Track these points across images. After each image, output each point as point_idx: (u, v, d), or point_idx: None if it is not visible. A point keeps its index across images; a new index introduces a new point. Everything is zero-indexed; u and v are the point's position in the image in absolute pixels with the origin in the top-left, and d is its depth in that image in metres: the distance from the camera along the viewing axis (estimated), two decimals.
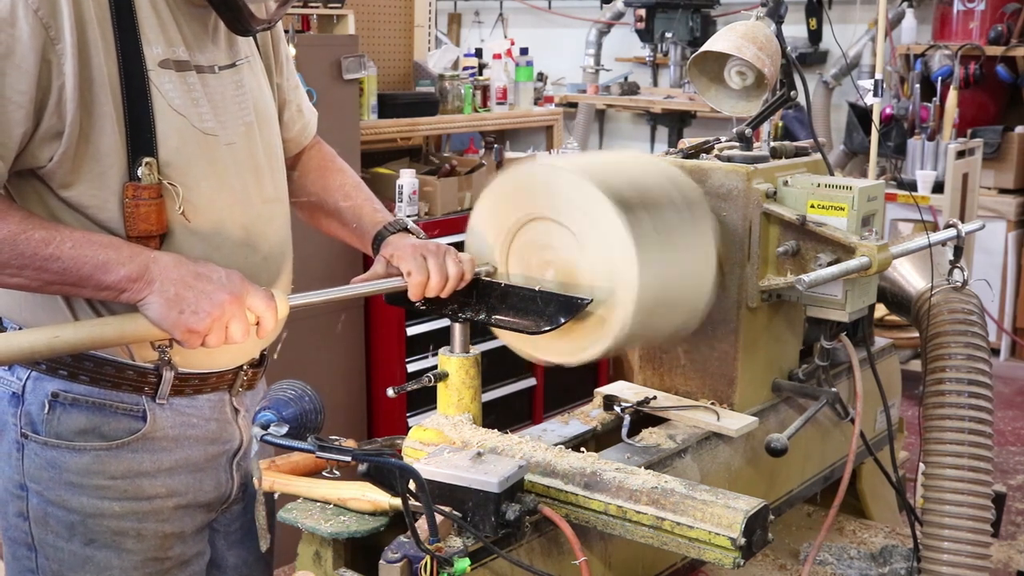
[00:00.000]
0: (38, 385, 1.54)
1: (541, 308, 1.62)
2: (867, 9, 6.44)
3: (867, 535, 2.18)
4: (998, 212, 5.76)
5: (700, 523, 1.39)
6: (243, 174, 1.61)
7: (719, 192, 1.84)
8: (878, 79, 4.74)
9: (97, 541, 1.58)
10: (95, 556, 1.58)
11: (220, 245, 1.57)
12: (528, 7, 8.27)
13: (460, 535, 1.40)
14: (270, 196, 1.67)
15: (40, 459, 1.55)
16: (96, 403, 1.55)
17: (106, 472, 1.56)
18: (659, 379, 1.96)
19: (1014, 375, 5.66)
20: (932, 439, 1.83)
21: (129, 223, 1.47)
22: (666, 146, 6.69)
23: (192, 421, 1.63)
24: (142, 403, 1.57)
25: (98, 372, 1.54)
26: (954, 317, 1.94)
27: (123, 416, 1.56)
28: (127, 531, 1.59)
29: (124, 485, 1.58)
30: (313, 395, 1.40)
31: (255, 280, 1.52)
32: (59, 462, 1.55)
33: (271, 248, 1.67)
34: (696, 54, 1.90)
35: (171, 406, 1.59)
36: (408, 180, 3.88)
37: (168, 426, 1.60)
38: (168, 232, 1.51)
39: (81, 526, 1.57)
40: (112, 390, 1.55)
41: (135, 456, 1.58)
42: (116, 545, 1.59)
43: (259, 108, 1.67)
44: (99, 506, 1.57)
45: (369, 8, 4.35)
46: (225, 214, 1.58)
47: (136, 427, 1.57)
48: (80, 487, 1.56)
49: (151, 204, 1.47)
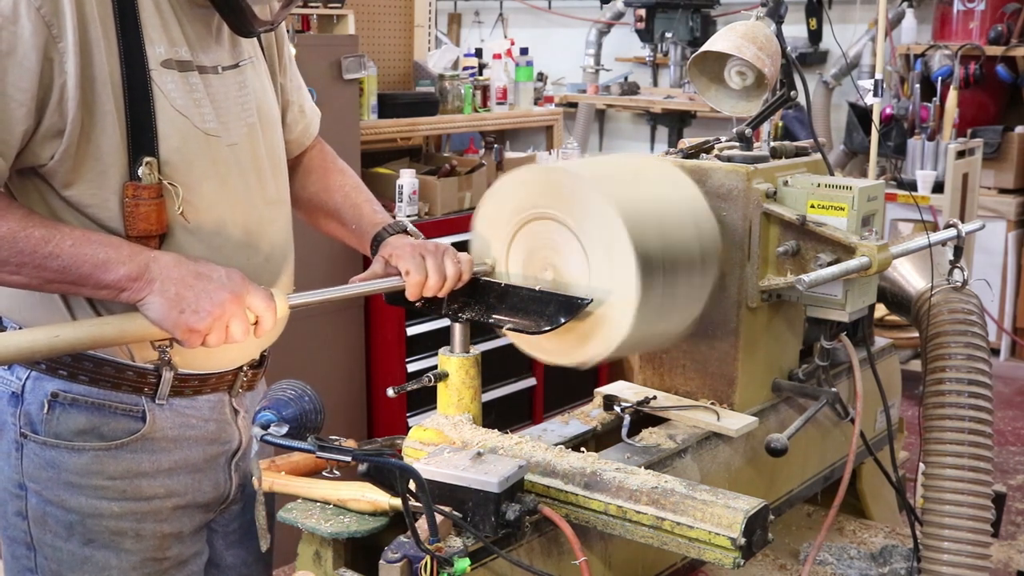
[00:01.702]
0: (38, 385, 1.54)
1: (541, 308, 1.62)
2: (867, 9, 6.45)
3: (867, 535, 2.18)
4: (998, 212, 5.76)
5: (700, 523, 1.39)
6: (245, 175, 1.61)
7: (719, 192, 1.84)
8: (878, 79, 4.75)
9: (96, 541, 1.58)
10: (94, 556, 1.58)
11: (221, 246, 1.57)
12: (528, 7, 8.27)
13: (460, 535, 1.40)
14: (272, 197, 1.67)
15: (39, 459, 1.55)
16: (95, 403, 1.54)
17: (105, 472, 1.56)
18: (659, 379, 1.96)
19: (1014, 375, 5.66)
20: (932, 439, 1.83)
21: (129, 222, 1.47)
22: (666, 146, 6.69)
23: (191, 422, 1.63)
24: (141, 403, 1.57)
25: (97, 372, 1.54)
26: (954, 317, 1.94)
27: (122, 416, 1.56)
28: (126, 531, 1.59)
29: (123, 485, 1.58)
30: (313, 395, 1.40)
31: (256, 281, 1.52)
32: (58, 462, 1.55)
33: (273, 249, 1.67)
34: (696, 54, 1.90)
35: (170, 407, 1.59)
36: (408, 180, 3.88)
37: (167, 427, 1.60)
38: (168, 232, 1.51)
39: (80, 526, 1.57)
40: (111, 390, 1.55)
41: (134, 456, 1.58)
42: (115, 545, 1.59)
43: (262, 109, 1.67)
44: (97, 506, 1.57)
45: (369, 8, 4.35)
46: (226, 215, 1.58)
47: (135, 427, 1.57)
48: (79, 487, 1.56)
49: (151, 204, 1.47)
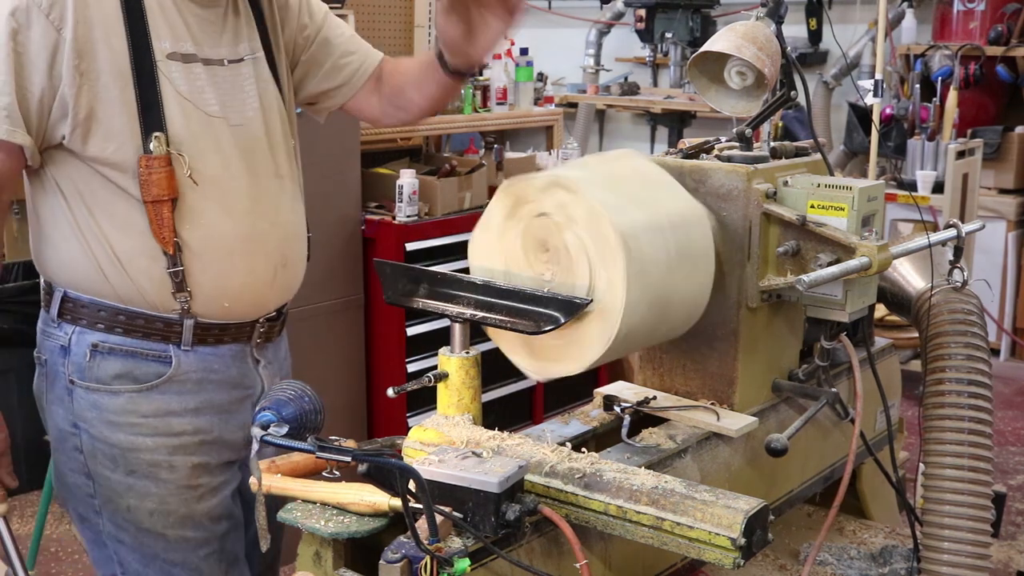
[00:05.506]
0: (81, 338, 1.78)
1: (540, 308, 1.61)
2: (867, 9, 6.44)
3: (867, 535, 2.18)
4: (998, 212, 5.76)
5: (700, 523, 1.39)
6: (251, 151, 1.83)
7: (719, 192, 1.84)
8: (878, 79, 4.75)
9: (137, 472, 1.82)
10: (136, 484, 1.82)
11: (231, 208, 1.79)
12: (528, 7, 8.27)
13: (460, 535, 1.40)
14: (276, 172, 1.88)
15: (85, 401, 1.80)
16: (129, 351, 1.78)
17: (139, 411, 1.80)
18: (659, 379, 1.96)
19: (1014, 375, 5.66)
20: (932, 439, 1.83)
21: (144, 189, 1.71)
22: (666, 146, 6.69)
23: (214, 367, 1.84)
24: (169, 350, 1.80)
25: (131, 324, 1.78)
26: (954, 317, 1.94)
27: (152, 361, 1.79)
28: (160, 463, 1.82)
29: (155, 423, 1.81)
30: (313, 395, 1.40)
31: (265, 246, 1.82)
32: (100, 403, 1.79)
33: (279, 217, 1.87)
34: (696, 54, 1.90)
35: (195, 353, 1.81)
36: (408, 180, 3.88)
37: (191, 370, 1.82)
38: (179, 195, 1.73)
39: (122, 458, 1.81)
40: (143, 339, 1.78)
41: (163, 397, 1.81)
42: (152, 475, 1.82)
43: (264, 98, 1.88)
44: (135, 441, 1.80)
45: (369, 8, 4.35)
46: (232, 184, 1.79)
47: (163, 371, 1.80)
48: (118, 425, 1.80)
49: (162, 171, 1.71)
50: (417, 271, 1.73)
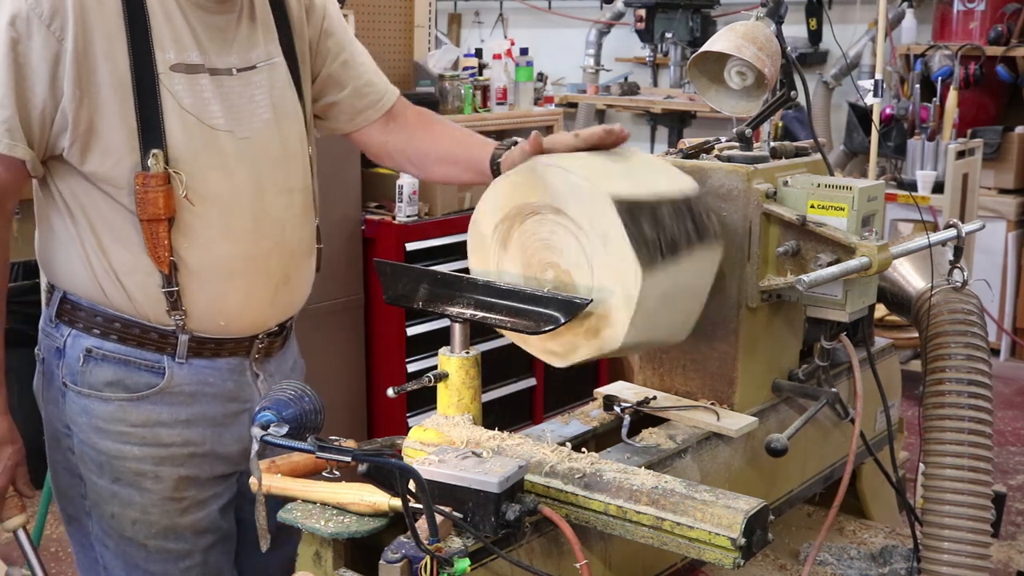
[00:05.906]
0: (76, 342, 1.77)
1: (541, 308, 1.62)
2: (867, 9, 6.45)
3: (867, 535, 2.18)
4: (998, 212, 5.77)
5: (700, 523, 1.38)
6: (257, 165, 1.78)
7: (719, 192, 1.84)
8: (878, 79, 4.75)
9: (122, 479, 1.80)
10: (120, 492, 1.80)
11: (231, 229, 1.75)
12: (528, 7, 8.27)
13: (460, 535, 1.40)
14: (286, 186, 1.83)
15: (76, 405, 1.79)
16: (122, 359, 1.76)
17: (127, 420, 1.78)
18: (659, 379, 1.96)
19: (1014, 375, 5.67)
20: (932, 439, 1.83)
21: (140, 207, 1.67)
22: (666, 146, 6.69)
23: (209, 380, 1.81)
24: (163, 361, 1.78)
25: (126, 332, 1.75)
26: (954, 317, 1.94)
27: (145, 371, 1.77)
28: (146, 472, 1.80)
29: (143, 432, 1.79)
30: (313, 395, 1.40)
31: (268, 264, 1.78)
32: (90, 409, 1.78)
33: (283, 235, 1.82)
34: (696, 54, 1.90)
35: (189, 365, 1.79)
36: (408, 180, 3.88)
37: (184, 383, 1.79)
38: (177, 214, 1.69)
39: (108, 465, 1.79)
40: (137, 348, 1.76)
41: (154, 407, 1.78)
42: (137, 484, 1.80)
43: (279, 106, 1.83)
44: (121, 449, 1.79)
45: (369, 8, 4.35)
46: (234, 202, 1.75)
47: (154, 382, 1.78)
48: (106, 432, 1.78)
49: (159, 190, 1.67)
50: (417, 271, 1.73)
